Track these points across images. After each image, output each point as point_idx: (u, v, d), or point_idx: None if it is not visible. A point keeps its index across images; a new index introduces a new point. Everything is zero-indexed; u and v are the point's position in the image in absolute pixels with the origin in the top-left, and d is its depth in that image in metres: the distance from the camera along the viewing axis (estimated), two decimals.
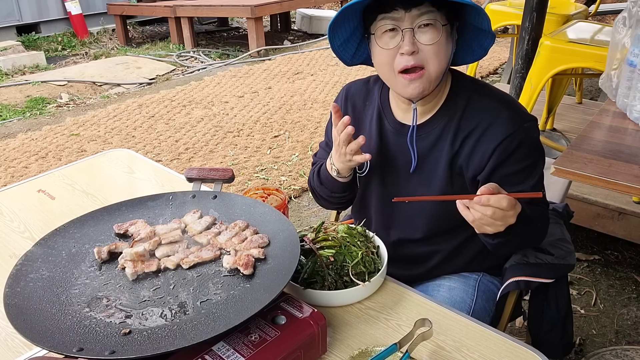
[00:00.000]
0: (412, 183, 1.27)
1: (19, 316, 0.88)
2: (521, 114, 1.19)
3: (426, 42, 1.09)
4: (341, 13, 1.12)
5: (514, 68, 2.84)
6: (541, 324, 1.35)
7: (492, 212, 0.98)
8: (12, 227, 1.41)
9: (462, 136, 1.19)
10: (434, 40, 1.09)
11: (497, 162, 1.16)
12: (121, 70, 6.04)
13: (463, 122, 1.19)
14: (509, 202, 0.98)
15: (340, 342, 0.97)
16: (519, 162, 1.16)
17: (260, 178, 3.41)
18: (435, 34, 1.09)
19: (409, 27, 1.08)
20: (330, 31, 1.18)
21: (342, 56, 1.26)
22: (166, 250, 1.07)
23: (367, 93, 1.34)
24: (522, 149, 1.15)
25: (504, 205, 0.97)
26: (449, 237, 1.31)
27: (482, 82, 1.28)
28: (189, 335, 0.85)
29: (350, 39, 1.23)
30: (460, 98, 1.21)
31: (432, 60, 1.10)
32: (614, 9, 5.94)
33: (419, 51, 1.09)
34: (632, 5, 1.69)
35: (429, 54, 1.10)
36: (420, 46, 1.09)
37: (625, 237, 2.40)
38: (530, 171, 1.18)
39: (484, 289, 1.34)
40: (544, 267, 1.26)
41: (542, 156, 1.21)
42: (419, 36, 1.09)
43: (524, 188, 1.17)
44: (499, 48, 6.48)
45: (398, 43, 1.10)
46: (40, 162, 3.70)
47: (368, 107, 1.33)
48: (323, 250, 1.11)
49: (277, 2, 6.64)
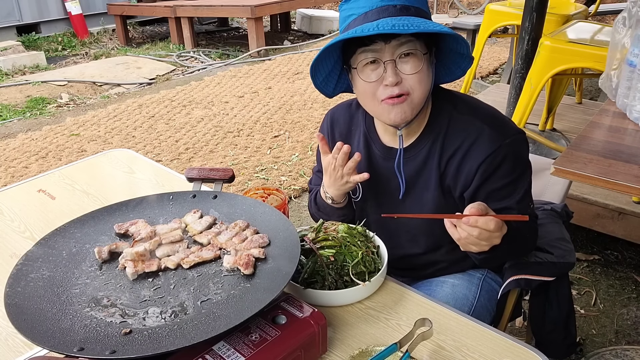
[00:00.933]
0: (407, 205, 1.28)
1: (19, 316, 0.88)
2: (503, 130, 1.18)
3: (409, 72, 1.09)
4: (323, 52, 1.13)
5: (514, 68, 2.84)
6: (543, 325, 1.36)
7: (478, 232, 0.99)
8: (13, 227, 1.42)
9: (447, 157, 1.20)
10: (416, 69, 1.09)
11: (482, 180, 1.17)
12: (121, 70, 6.04)
13: (446, 142, 1.19)
14: (496, 225, 0.99)
15: (340, 342, 0.97)
16: (502, 177, 1.16)
17: (261, 178, 3.42)
18: (417, 62, 1.09)
19: (390, 58, 1.08)
20: (313, 70, 1.18)
21: (324, 90, 1.26)
22: (166, 250, 1.07)
23: (351, 118, 1.35)
24: (505, 165, 1.16)
25: (491, 228, 0.98)
26: (452, 248, 1.30)
27: (461, 96, 1.26)
28: (190, 335, 0.85)
29: (331, 74, 1.23)
30: (441, 117, 1.21)
31: (416, 88, 1.11)
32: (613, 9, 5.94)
33: (402, 80, 1.10)
34: (632, 5, 1.69)
35: (412, 82, 1.10)
36: (403, 75, 1.10)
37: (625, 237, 2.40)
38: (515, 186, 1.18)
39: (487, 288, 1.34)
40: (544, 266, 1.26)
41: (526, 169, 1.21)
42: (400, 66, 1.09)
43: (510, 203, 1.17)
44: (499, 48, 6.48)
45: (380, 75, 1.10)
46: (40, 162, 3.70)
47: (354, 132, 1.34)
48: (323, 250, 1.11)
49: (277, 2, 6.64)
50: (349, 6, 1.12)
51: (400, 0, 1.07)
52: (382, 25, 1.01)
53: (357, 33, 1.03)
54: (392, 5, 1.07)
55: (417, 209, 1.27)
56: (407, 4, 1.07)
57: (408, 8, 1.07)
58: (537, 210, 1.45)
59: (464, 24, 5.15)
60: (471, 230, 0.99)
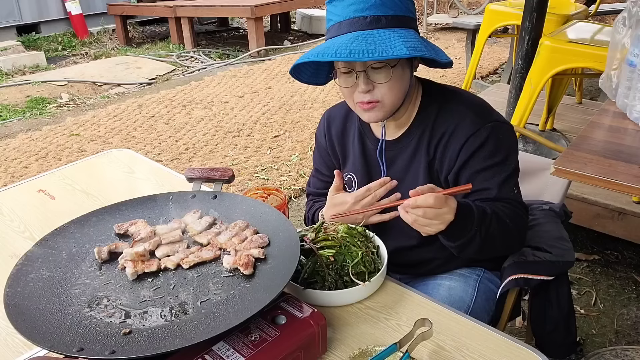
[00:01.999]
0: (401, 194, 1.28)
1: (19, 316, 0.88)
2: (486, 115, 1.22)
3: (379, 82, 1.15)
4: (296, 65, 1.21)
5: (514, 68, 2.84)
6: (544, 325, 1.35)
7: (422, 212, 1.00)
8: (12, 227, 1.42)
9: (435, 142, 1.24)
10: (386, 79, 1.14)
11: (464, 160, 1.20)
12: (121, 70, 6.04)
13: (435, 129, 1.24)
14: (436, 200, 0.99)
15: (340, 342, 0.97)
16: (484, 159, 1.19)
17: (260, 178, 3.42)
18: (387, 73, 1.14)
19: (361, 69, 1.14)
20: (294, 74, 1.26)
21: (316, 82, 1.32)
22: (166, 250, 1.07)
23: (346, 114, 1.40)
24: (486, 147, 1.18)
25: (430, 203, 0.99)
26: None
27: (453, 88, 1.31)
28: (189, 335, 0.85)
29: (319, 70, 1.28)
30: (431, 107, 1.25)
31: (387, 95, 1.16)
32: (614, 9, 5.93)
33: (374, 88, 1.16)
34: (632, 5, 1.69)
35: (383, 90, 1.16)
36: (375, 84, 1.16)
37: (625, 237, 2.40)
38: (498, 169, 1.19)
39: (484, 289, 1.34)
40: (543, 265, 1.26)
41: (510, 156, 1.22)
42: (372, 75, 1.15)
43: (490, 184, 1.19)
44: (499, 48, 6.48)
45: (355, 81, 1.17)
46: (40, 162, 3.70)
47: (349, 128, 1.39)
48: (323, 250, 1.11)
49: (277, 2, 6.64)
50: (330, 9, 1.17)
51: (372, 12, 1.10)
52: (339, 52, 1.06)
53: (318, 57, 1.10)
54: (362, 18, 1.10)
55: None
56: (379, 14, 1.10)
57: (379, 19, 1.10)
58: (536, 210, 1.45)
59: (464, 24, 5.15)
60: (416, 212, 1.01)
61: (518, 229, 1.20)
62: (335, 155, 1.43)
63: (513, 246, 1.26)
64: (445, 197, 1.02)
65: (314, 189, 1.53)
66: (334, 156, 1.44)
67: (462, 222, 1.07)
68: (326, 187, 1.47)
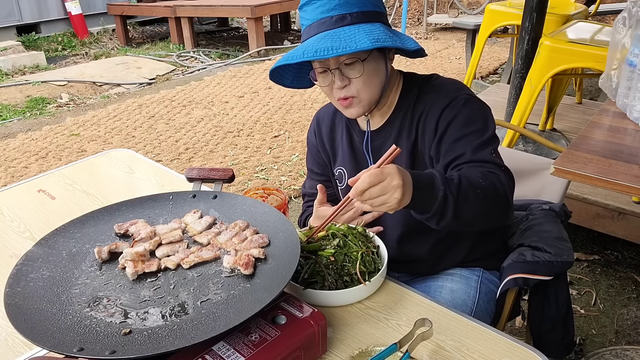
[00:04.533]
0: None
1: (19, 316, 0.88)
2: (460, 88, 1.25)
3: (353, 77, 1.19)
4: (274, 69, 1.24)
5: (514, 68, 2.84)
6: (542, 324, 1.36)
7: (368, 193, 0.95)
8: (13, 227, 1.42)
9: (415, 123, 1.27)
10: (359, 73, 1.18)
11: (441, 132, 1.21)
12: (121, 70, 6.04)
13: (414, 112, 1.27)
14: (371, 176, 0.94)
15: (340, 342, 0.97)
16: (459, 129, 1.19)
17: (260, 178, 3.42)
18: (359, 68, 1.18)
19: (335, 67, 1.18)
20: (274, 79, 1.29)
21: (301, 86, 1.35)
22: (166, 250, 1.07)
23: (334, 112, 1.44)
24: (461, 116, 1.19)
25: (368, 181, 0.94)
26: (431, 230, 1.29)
27: (434, 74, 1.33)
28: (189, 335, 0.85)
29: (301, 72, 1.32)
30: (411, 93, 1.29)
31: (362, 89, 1.20)
32: (613, 9, 5.94)
33: (350, 83, 1.20)
34: (632, 5, 1.69)
35: (358, 85, 1.20)
36: (350, 79, 1.19)
37: (625, 237, 2.40)
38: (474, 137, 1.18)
39: (486, 290, 1.34)
40: (542, 265, 1.26)
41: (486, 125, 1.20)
42: (346, 72, 1.19)
43: (465, 150, 1.16)
44: (499, 48, 6.48)
45: (331, 79, 1.21)
46: (40, 162, 3.70)
47: (337, 124, 1.44)
48: (323, 250, 1.11)
49: (277, 2, 6.65)
50: (301, 14, 1.22)
51: (337, 11, 1.15)
52: (307, 52, 1.11)
53: (288, 60, 1.15)
54: (328, 18, 1.15)
55: None
56: (343, 13, 1.14)
57: (344, 17, 1.15)
58: (536, 209, 1.45)
59: (464, 24, 5.15)
60: (362, 197, 0.96)
61: (498, 192, 1.08)
62: (325, 152, 1.46)
63: (500, 212, 1.12)
64: (380, 169, 0.95)
65: (308, 189, 1.55)
66: (324, 154, 1.47)
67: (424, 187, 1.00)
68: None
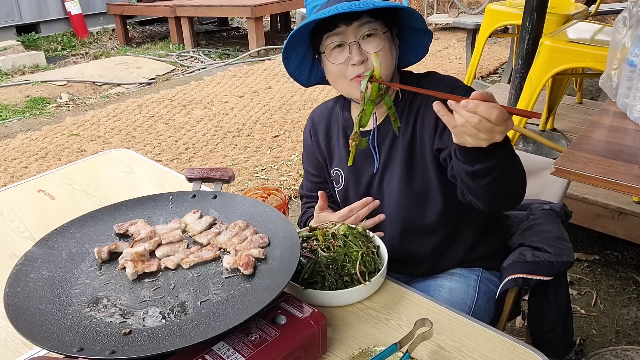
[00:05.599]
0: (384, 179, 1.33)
1: (19, 316, 0.88)
2: (457, 81, 1.26)
3: (372, 50, 1.18)
4: (290, 39, 1.21)
5: (514, 68, 2.84)
6: (542, 324, 1.36)
7: (478, 120, 0.87)
8: (12, 227, 1.41)
9: (412, 120, 1.27)
10: (378, 47, 1.18)
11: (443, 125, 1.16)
12: (121, 70, 6.04)
13: (411, 108, 1.27)
14: (500, 114, 0.86)
15: (340, 342, 0.97)
16: None
17: (260, 178, 3.41)
18: (379, 41, 1.18)
19: (354, 40, 1.18)
20: (284, 58, 1.27)
21: (299, 79, 1.35)
22: (166, 250, 1.07)
23: (329, 112, 1.44)
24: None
25: (492, 117, 0.86)
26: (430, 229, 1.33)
27: (431, 72, 1.34)
28: (189, 335, 0.85)
29: (303, 62, 1.32)
30: (407, 91, 1.28)
31: (382, 65, 1.16)
32: (614, 9, 5.93)
33: (367, 59, 1.18)
34: (632, 5, 1.69)
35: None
36: (367, 54, 1.18)
37: (626, 237, 2.39)
38: None
39: (485, 290, 1.34)
40: (542, 265, 1.26)
41: None
42: (364, 46, 1.18)
43: None
44: (499, 48, 6.48)
45: (347, 56, 1.19)
46: (40, 162, 3.70)
47: (333, 125, 1.42)
48: (323, 251, 1.11)
49: (277, 2, 6.64)
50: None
51: None
52: (340, 7, 1.10)
53: (319, 15, 1.12)
54: None
55: (391, 181, 1.32)
56: None
57: None
58: (537, 209, 1.45)
59: (464, 24, 5.15)
60: (470, 117, 0.87)
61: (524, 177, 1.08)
62: (321, 154, 1.45)
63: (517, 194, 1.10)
64: (508, 116, 0.87)
65: (306, 190, 1.55)
66: (320, 155, 1.46)
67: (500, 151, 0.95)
68: (315, 188, 1.48)
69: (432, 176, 1.27)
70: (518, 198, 1.10)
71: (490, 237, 1.39)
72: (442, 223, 1.32)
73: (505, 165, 0.98)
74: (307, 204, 1.55)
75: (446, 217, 1.31)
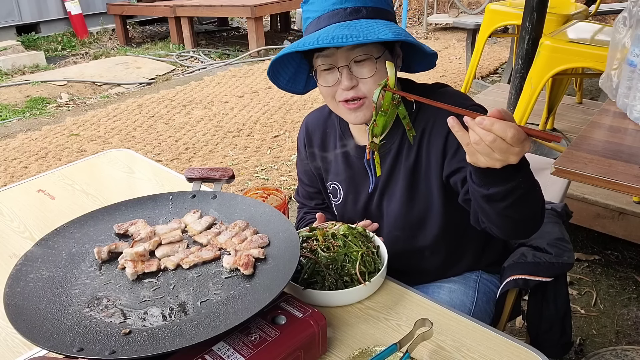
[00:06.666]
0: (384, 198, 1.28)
1: (19, 316, 0.88)
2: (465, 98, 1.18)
3: (363, 76, 1.09)
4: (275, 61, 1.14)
5: (514, 68, 2.84)
6: (540, 324, 1.36)
7: (492, 138, 0.82)
8: (12, 227, 1.41)
9: (417, 142, 1.19)
10: (370, 73, 1.09)
11: (455, 149, 1.13)
12: (121, 70, 6.04)
13: (416, 126, 1.18)
14: (516, 134, 0.80)
15: (340, 342, 0.97)
16: None
17: (260, 178, 3.41)
18: (371, 67, 1.08)
19: (344, 64, 1.09)
20: (271, 75, 1.19)
21: (294, 90, 1.27)
22: (166, 250, 1.07)
23: (325, 120, 1.36)
24: None
25: (508, 136, 0.80)
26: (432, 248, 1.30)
27: (432, 84, 1.26)
28: (189, 335, 0.85)
29: (297, 74, 1.24)
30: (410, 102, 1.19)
31: (372, 91, 1.09)
32: (614, 9, 5.93)
33: (358, 83, 1.10)
34: (632, 5, 1.69)
35: (368, 86, 1.10)
36: (359, 79, 1.10)
37: (626, 237, 2.40)
38: None
39: (484, 290, 1.34)
40: (542, 266, 1.26)
41: None
42: (355, 70, 1.09)
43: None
44: (499, 48, 6.48)
45: (337, 79, 1.11)
46: (40, 162, 3.70)
47: (329, 133, 1.35)
48: (323, 251, 1.11)
49: (277, 2, 6.64)
50: (306, 8, 1.13)
51: (352, 3, 1.06)
52: (321, 39, 1.01)
53: (298, 47, 1.04)
54: (342, 9, 1.07)
55: (391, 202, 1.27)
56: (358, 6, 1.07)
57: (359, 10, 1.07)
58: None
59: (464, 24, 5.15)
60: (485, 135, 0.82)
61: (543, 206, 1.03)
62: (316, 166, 1.39)
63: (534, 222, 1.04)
64: (525, 136, 0.82)
65: (302, 198, 1.51)
66: (314, 168, 1.39)
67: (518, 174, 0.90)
68: (309, 196, 1.46)
69: (436, 201, 1.21)
70: (535, 226, 1.05)
71: (496, 242, 1.38)
72: (444, 241, 1.28)
73: (523, 190, 0.93)
74: (305, 211, 1.50)
75: (448, 235, 1.27)
